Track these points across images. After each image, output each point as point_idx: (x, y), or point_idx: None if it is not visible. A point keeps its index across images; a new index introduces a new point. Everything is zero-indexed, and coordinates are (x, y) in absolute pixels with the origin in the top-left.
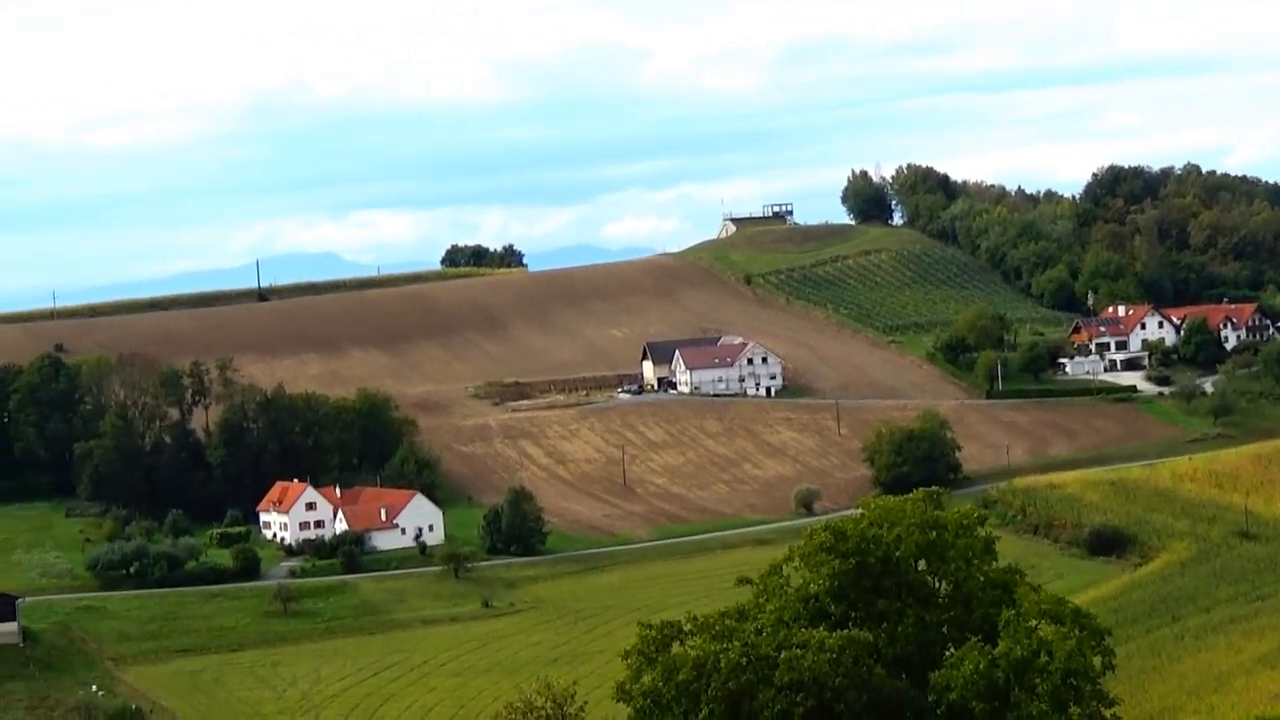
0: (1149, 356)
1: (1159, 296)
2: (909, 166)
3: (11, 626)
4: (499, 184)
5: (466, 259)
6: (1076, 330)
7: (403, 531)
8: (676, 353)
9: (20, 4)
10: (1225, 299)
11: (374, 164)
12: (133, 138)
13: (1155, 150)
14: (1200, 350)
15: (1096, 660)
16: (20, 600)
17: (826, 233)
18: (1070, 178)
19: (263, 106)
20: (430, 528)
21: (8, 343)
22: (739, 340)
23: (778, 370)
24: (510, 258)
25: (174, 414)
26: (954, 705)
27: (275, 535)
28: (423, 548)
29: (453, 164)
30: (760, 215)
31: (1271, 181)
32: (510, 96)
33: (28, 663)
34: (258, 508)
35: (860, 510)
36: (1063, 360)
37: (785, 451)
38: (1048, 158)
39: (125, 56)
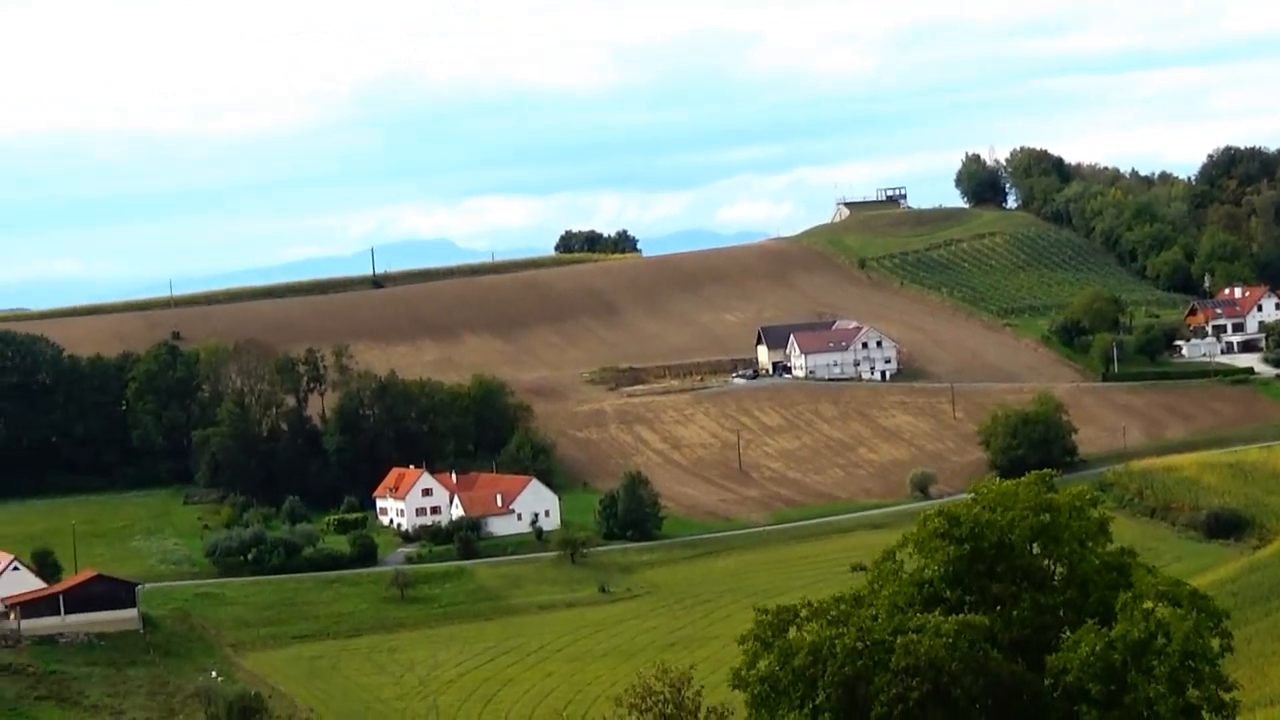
0: (1266, 338)
1: (1276, 278)
2: (1023, 149)
3: (131, 613)
4: (612, 169)
5: (580, 244)
6: (1193, 312)
7: (519, 517)
8: (791, 337)
9: None
10: None
11: (488, 150)
12: (250, 126)
13: (1271, 130)
14: None
15: (1215, 642)
16: (140, 587)
17: (940, 216)
18: (1185, 159)
19: (378, 94)
20: (546, 513)
21: (126, 330)
22: (853, 324)
23: (892, 354)
24: (624, 243)
25: (290, 401)
26: (1070, 688)
27: (392, 521)
28: (539, 533)
29: (566, 150)
30: (874, 199)
31: None
32: (624, 81)
33: (148, 649)
34: (374, 494)
35: (972, 495)
36: (1179, 342)
37: (900, 435)
38: (1162, 139)
39: (242, 46)
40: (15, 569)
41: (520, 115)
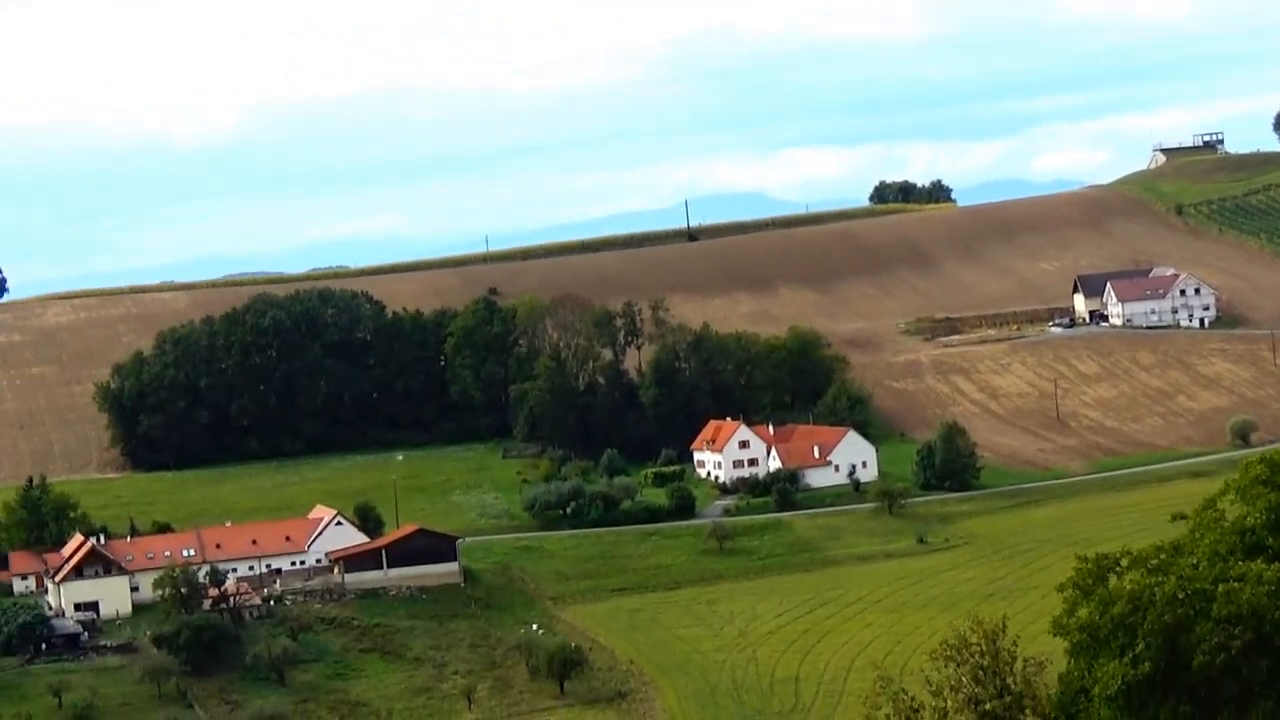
0: None
1: None
2: None
3: (452, 567)
4: (925, 119)
5: (894, 195)
6: None
7: (836, 468)
8: (1108, 285)
9: None
10: None
11: (800, 102)
12: (566, 83)
13: None
14: None
15: None
16: (460, 540)
17: (1259, 161)
18: None
19: (692, 49)
20: (863, 464)
21: (443, 287)
22: (1170, 271)
23: (1211, 301)
24: (938, 193)
25: (606, 355)
26: None
27: (709, 474)
28: (856, 484)
29: (879, 100)
30: (1190, 145)
31: None
32: (935, 31)
33: (469, 602)
34: (691, 446)
35: None
36: None
37: (1220, 383)
38: None
39: (560, 3)
40: (339, 524)
41: (832, 67)
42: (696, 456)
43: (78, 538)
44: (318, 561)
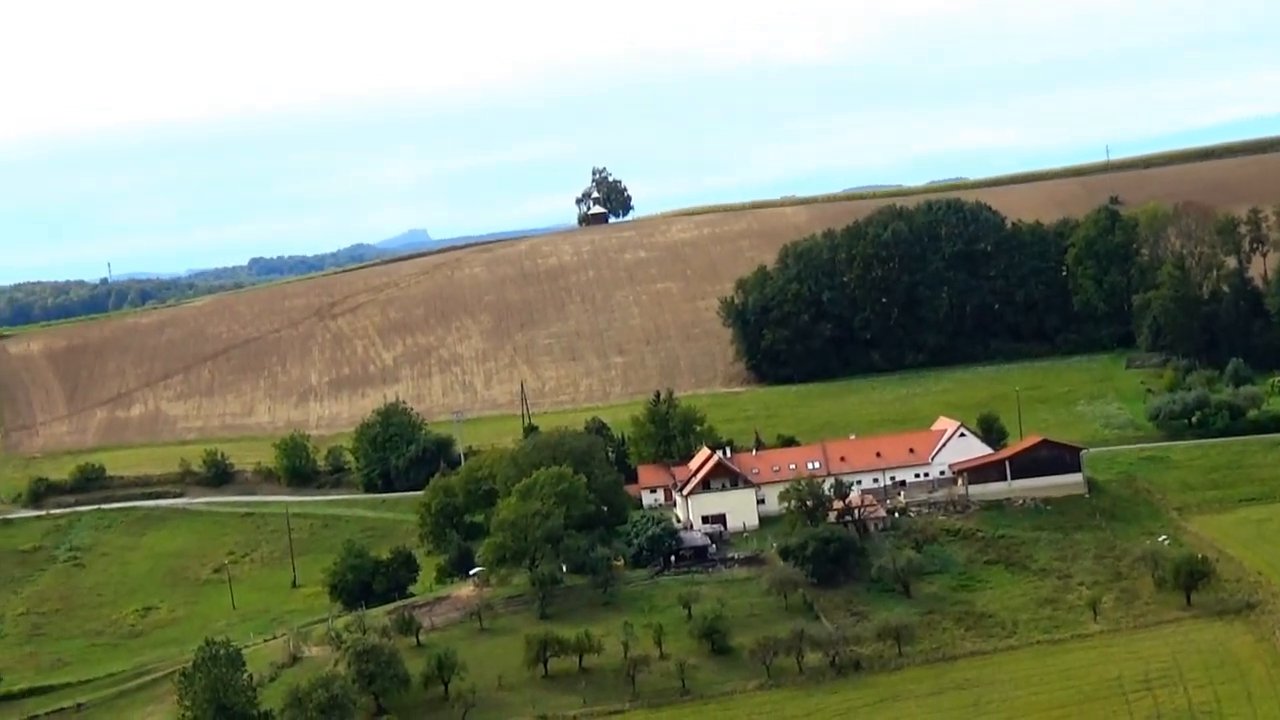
0: None
1: None
2: None
3: (1077, 477)
4: None
5: None
6: None
7: None
8: None
9: None
10: None
11: None
12: None
13: None
14: None
15: None
16: (1084, 451)
17: None
18: None
19: None
20: None
21: (1064, 196)
22: None
23: None
24: None
25: (1231, 262)
26: None
27: None
28: None
29: None
30: None
31: None
32: None
33: (1093, 513)
34: None
35: None
36: None
37: None
38: None
39: None
40: (962, 435)
41: None
42: None
43: (704, 451)
44: (941, 474)
